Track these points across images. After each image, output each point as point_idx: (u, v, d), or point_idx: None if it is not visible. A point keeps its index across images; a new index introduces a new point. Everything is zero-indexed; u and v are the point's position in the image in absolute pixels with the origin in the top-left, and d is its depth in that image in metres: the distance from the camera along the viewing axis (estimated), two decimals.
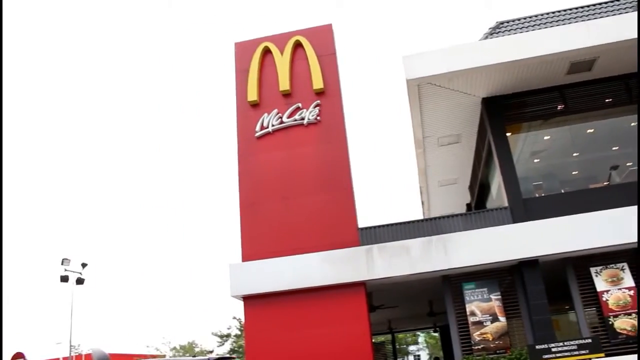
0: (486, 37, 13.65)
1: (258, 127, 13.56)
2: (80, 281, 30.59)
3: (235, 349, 44.82)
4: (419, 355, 61.20)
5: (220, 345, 46.36)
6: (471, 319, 11.46)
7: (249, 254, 12.56)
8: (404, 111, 13.87)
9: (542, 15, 13.85)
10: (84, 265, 30.77)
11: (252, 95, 13.78)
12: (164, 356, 46.17)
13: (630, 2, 13.11)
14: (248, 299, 12.37)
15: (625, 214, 10.92)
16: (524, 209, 12.04)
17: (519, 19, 14.08)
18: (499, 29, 13.93)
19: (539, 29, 13.11)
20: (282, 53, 14.06)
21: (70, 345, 31.16)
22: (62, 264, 29.63)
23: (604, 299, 11.03)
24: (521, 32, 13.14)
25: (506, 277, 11.83)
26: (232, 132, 13.81)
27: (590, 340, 9.69)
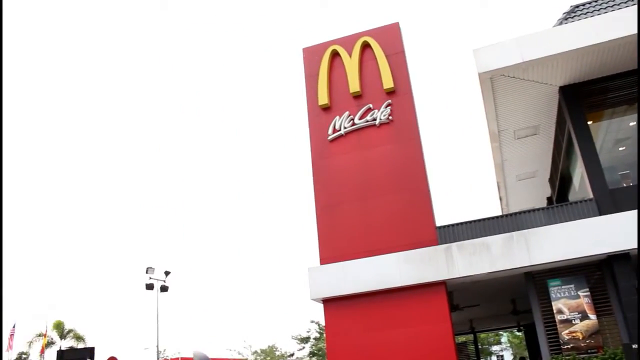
0: (561, 23, 13.14)
1: (330, 130, 13.67)
2: (164, 288, 31.82)
3: (315, 351, 45.15)
4: (502, 356, 59.46)
5: (301, 349, 46.85)
6: (558, 317, 11.02)
7: (327, 257, 12.66)
8: (477, 105, 13.50)
9: None
10: (167, 273, 31.95)
11: (323, 98, 13.91)
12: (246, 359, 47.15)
13: None
14: (328, 302, 12.45)
15: None
16: (611, 199, 11.46)
17: (595, 0, 13.45)
18: (573, 13, 13.38)
19: (618, 8, 12.45)
20: (350, 55, 14.10)
21: (157, 351, 32.44)
22: (146, 273, 30.88)
23: None
24: (599, 14, 12.53)
25: (595, 273, 11.29)
26: (291, 132, 14.05)
27: None
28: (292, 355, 48.59)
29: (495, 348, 55.32)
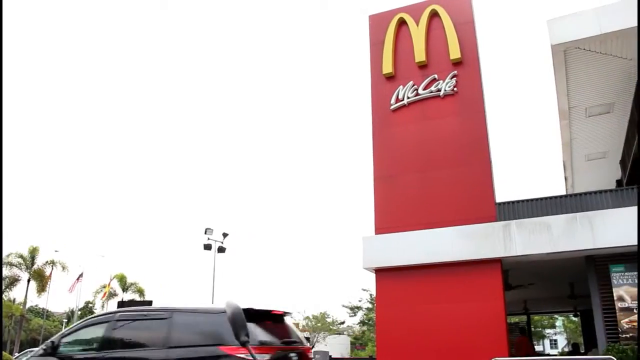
0: None
1: (393, 100, 13.47)
2: (221, 249, 32.40)
3: (365, 321, 45.54)
4: (555, 340, 58.16)
5: (352, 316, 47.39)
6: (619, 305, 10.62)
7: (382, 227, 12.62)
8: (547, 80, 12.90)
9: None
10: (224, 235, 32.54)
11: (387, 67, 13.69)
12: (297, 324, 48.11)
13: None
14: (380, 272, 12.46)
15: None
16: None
17: None
18: None
19: None
20: (417, 23, 13.76)
21: None
22: (205, 234, 31.51)
23: None
24: None
25: None
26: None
27: None
28: (342, 323, 49.17)
29: (548, 331, 54.13)
